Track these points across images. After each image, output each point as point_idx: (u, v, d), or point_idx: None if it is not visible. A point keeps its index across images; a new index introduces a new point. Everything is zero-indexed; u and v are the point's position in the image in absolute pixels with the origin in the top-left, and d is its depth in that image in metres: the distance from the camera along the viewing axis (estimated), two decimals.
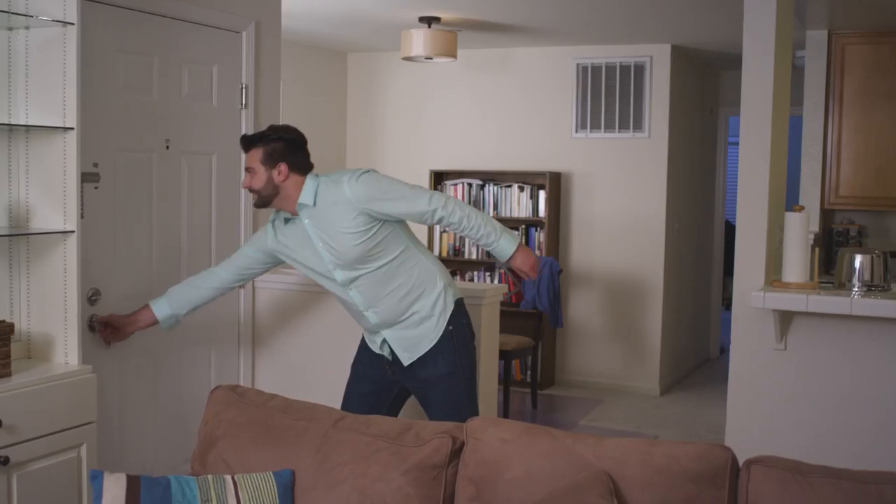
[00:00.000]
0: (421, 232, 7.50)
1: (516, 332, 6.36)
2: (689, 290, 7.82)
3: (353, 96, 7.95)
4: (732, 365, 4.07)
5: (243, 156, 3.35)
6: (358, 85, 7.92)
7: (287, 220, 3.31)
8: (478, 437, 2.29)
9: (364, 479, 2.30)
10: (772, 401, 3.99)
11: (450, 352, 3.26)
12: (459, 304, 3.33)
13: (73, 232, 2.98)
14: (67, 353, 3.02)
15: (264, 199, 3.25)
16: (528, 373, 6.95)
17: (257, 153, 3.23)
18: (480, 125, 7.48)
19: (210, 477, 2.33)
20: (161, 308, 3.43)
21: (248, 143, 3.28)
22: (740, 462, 2.12)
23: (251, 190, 3.26)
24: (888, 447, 3.70)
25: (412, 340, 3.28)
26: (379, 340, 3.34)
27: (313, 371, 4.08)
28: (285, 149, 3.23)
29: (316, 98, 7.56)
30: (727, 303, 9.50)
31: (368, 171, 3.22)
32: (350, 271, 3.22)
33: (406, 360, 3.29)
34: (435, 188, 7.52)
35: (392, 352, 3.32)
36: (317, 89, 7.59)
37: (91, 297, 3.45)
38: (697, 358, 8.17)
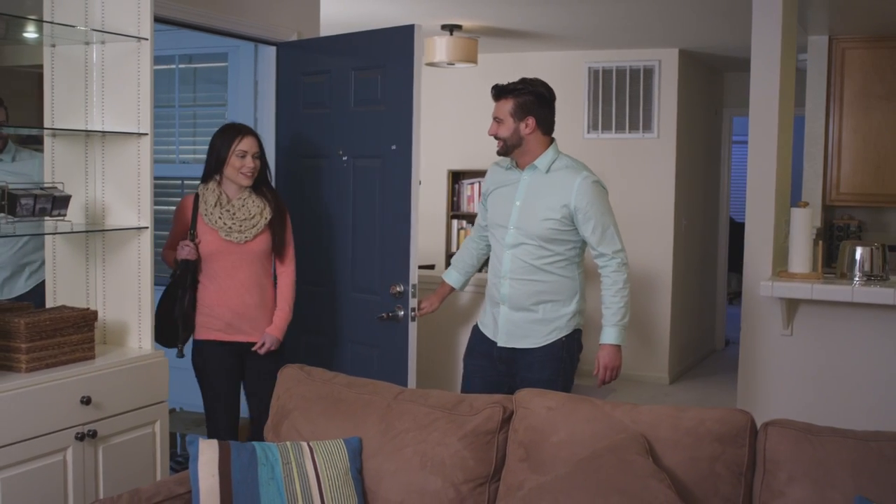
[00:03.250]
0: (440, 225, 7.73)
1: None
2: (696, 284, 8.01)
3: None
4: (742, 349, 4.29)
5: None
6: None
7: (508, 168, 3.48)
8: (526, 406, 2.56)
9: (424, 445, 2.56)
10: (779, 382, 4.21)
11: (556, 360, 3.38)
12: (578, 332, 3.44)
13: (146, 228, 3.24)
14: (141, 338, 3.28)
15: (507, 148, 3.38)
16: None
17: (507, 104, 3.34)
18: None
19: (288, 443, 2.60)
20: (451, 277, 3.78)
21: (499, 92, 3.37)
22: (758, 424, 2.39)
23: (497, 137, 3.38)
24: (885, 424, 3.94)
25: (519, 330, 3.40)
26: (495, 316, 3.44)
27: None
28: (535, 103, 3.33)
29: None
30: (731, 297, 9.76)
31: (603, 185, 3.38)
32: (521, 236, 3.35)
33: (502, 341, 3.43)
34: (452, 187, 7.79)
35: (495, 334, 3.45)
36: None
37: None
38: (704, 349, 8.39)
